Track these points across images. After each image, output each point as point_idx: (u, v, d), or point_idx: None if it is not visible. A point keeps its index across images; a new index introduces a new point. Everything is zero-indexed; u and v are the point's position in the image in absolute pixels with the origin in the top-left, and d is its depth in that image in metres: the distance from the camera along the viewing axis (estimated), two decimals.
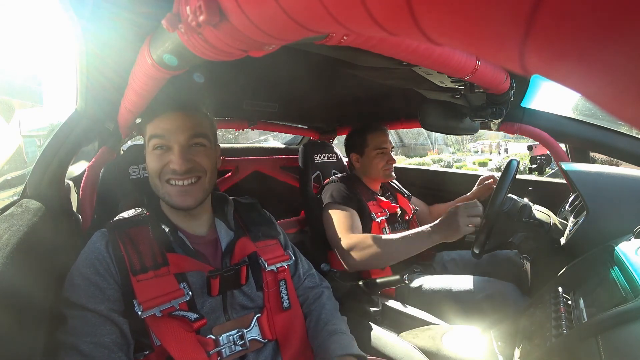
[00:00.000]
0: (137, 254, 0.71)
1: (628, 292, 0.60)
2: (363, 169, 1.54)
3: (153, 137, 0.77)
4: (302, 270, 1.00)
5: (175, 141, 0.77)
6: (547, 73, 0.15)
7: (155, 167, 0.77)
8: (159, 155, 0.77)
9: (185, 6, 0.33)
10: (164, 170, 0.77)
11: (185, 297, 0.71)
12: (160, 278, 0.71)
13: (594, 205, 0.91)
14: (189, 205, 0.79)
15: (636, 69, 0.11)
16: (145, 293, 0.68)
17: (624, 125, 1.14)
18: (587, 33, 0.12)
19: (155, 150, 0.77)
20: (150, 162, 0.79)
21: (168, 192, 0.78)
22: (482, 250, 1.11)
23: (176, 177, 0.77)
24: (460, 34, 0.16)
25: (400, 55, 0.54)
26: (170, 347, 0.67)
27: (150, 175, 0.80)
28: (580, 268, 0.87)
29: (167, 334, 0.68)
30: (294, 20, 0.25)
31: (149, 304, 0.67)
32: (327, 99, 1.47)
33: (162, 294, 0.69)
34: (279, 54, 0.42)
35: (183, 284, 0.73)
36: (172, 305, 0.69)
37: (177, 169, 0.75)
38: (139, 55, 0.54)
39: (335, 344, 0.81)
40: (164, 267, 0.72)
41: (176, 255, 0.75)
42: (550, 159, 1.39)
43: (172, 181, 0.77)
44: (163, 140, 0.77)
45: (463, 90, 0.97)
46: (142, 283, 0.69)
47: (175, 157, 0.76)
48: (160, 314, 0.68)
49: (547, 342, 0.69)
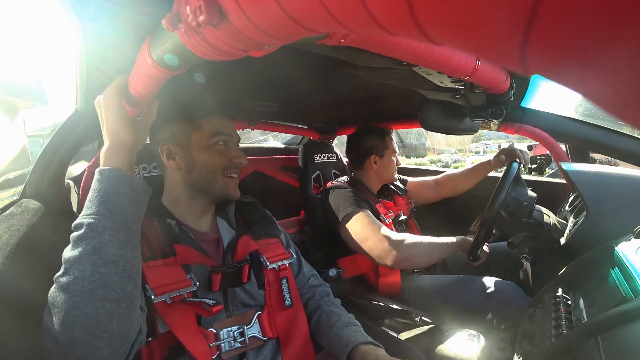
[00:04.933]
0: (147, 243, 0.73)
1: (628, 292, 0.60)
2: (379, 171, 1.51)
3: (218, 133, 0.83)
4: (306, 269, 1.00)
5: (234, 140, 0.87)
6: (547, 73, 0.15)
7: (220, 161, 0.83)
8: (221, 151, 0.84)
9: (185, 6, 0.33)
10: (228, 165, 0.84)
11: (193, 286, 0.73)
12: (169, 267, 0.73)
13: (594, 205, 0.91)
14: (239, 196, 0.88)
15: (636, 70, 0.11)
16: (156, 279, 0.70)
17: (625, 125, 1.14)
18: (587, 33, 0.12)
19: (217, 146, 0.83)
20: (210, 157, 0.83)
21: (226, 185, 0.84)
22: (477, 257, 1.12)
23: (237, 171, 0.86)
24: (461, 33, 0.16)
25: (400, 55, 0.54)
26: (179, 333, 0.69)
27: (208, 169, 0.82)
28: (580, 268, 0.87)
29: (176, 320, 0.70)
30: (294, 20, 0.25)
31: (160, 290, 0.69)
32: (327, 98, 1.46)
33: (172, 281, 0.71)
34: (279, 53, 0.42)
35: (190, 274, 0.74)
36: (180, 293, 0.71)
37: (245, 163, 0.87)
38: (139, 55, 0.54)
39: (356, 333, 0.84)
40: (172, 257, 0.74)
41: (182, 246, 0.76)
42: (550, 159, 1.39)
43: (232, 175, 0.85)
44: (226, 137, 0.85)
45: (463, 90, 0.97)
46: (153, 270, 0.71)
47: (240, 152, 0.87)
48: (171, 300, 0.70)
49: (547, 342, 0.69)
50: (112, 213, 0.59)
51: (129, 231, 0.61)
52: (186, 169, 0.82)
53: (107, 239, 0.57)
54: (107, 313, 0.55)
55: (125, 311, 0.58)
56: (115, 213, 0.59)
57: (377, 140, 1.50)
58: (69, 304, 0.54)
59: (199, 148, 0.82)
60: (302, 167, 1.74)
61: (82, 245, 0.57)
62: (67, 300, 0.54)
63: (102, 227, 0.57)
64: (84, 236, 0.57)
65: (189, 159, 0.81)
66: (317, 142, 1.99)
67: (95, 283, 0.55)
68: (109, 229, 0.58)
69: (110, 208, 0.59)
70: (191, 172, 0.82)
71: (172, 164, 0.82)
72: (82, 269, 0.55)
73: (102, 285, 0.55)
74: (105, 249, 0.57)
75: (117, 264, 0.57)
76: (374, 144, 1.49)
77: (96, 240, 0.57)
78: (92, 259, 0.56)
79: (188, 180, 0.83)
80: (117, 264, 0.57)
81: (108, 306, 0.55)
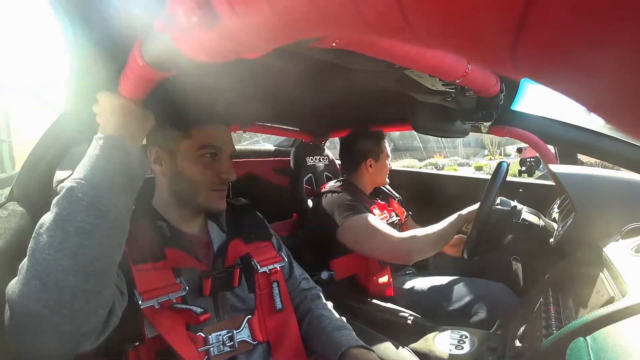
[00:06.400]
0: (137, 245, 0.71)
1: (615, 291, 0.61)
2: (373, 174, 1.52)
3: (208, 145, 0.78)
4: (297, 272, 1.00)
5: (226, 152, 0.82)
6: (536, 77, 0.15)
7: (205, 174, 0.79)
8: (208, 163, 0.79)
9: (177, 8, 0.33)
10: (214, 180, 0.80)
11: (182, 291, 0.72)
12: (159, 271, 0.71)
13: (582, 206, 0.92)
14: (224, 208, 0.85)
15: (621, 74, 0.12)
16: (144, 283, 0.68)
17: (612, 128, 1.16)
18: (576, 38, 0.12)
19: (204, 158, 0.79)
20: (195, 169, 0.78)
21: (210, 198, 0.80)
22: (472, 253, 1.13)
23: (224, 186, 0.82)
24: (452, 37, 0.16)
25: (392, 58, 0.55)
26: (169, 338, 0.67)
27: (191, 181, 0.78)
28: (569, 269, 0.88)
29: (165, 325, 0.68)
30: (285, 22, 0.25)
31: (148, 295, 0.68)
32: (320, 101, 1.46)
33: (161, 286, 0.70)
34: (272, 55, 0.42)
35: (180, 278, 0.73)
36: (169, 299, 0.70)
37: (232, 179, 0.82)
38: (130, 57, 0.53)
39: (347, 336, 0.84)
40: (162, 261, 0.72)
41: (173, 250, 0.75)
42: (539, 161, 1.41)
43: (218, 188, 0.81)
44: (216, 150, 0.80)
45: (454, 94, 0.98)
46: (142, 273, 0.69)
47: (229, 167, 0.82)
48: (159, 305, 0.68)
49: (538, 343, 0.70)
50: (96, 179, 0.54)
51: (114, 201, 0.56)
52: (170, 176, 0.80)
53: (84, 206, 0.52)
54: (71, 288, 0.50)
55: (94, 288, 0.52)
56: (101, 179, 0.55)
57: (372, 144, 1.51)
58: (30, 272, 0.50)
59: (185, 158, 0.78)
60: (294, 169, 1.74)
61: (56, 210, 0.52)
62: (30, 268, 0.50)
63: (82, 193, 0.52)
64: (61, 200, 0.52)
65: (175, 167, 0.79)
66: (309, 144, 1.99)
67: (61, 252, 0.50)
68: (89, 196, 0.53)
69: (96, 174, 0.55)
70: (175, 181, 0.80)
71: (159, 169, 0.80)
72: (52, 235, 0.51)
73: (69, 256, 0.50)
74: (81, 216, 0.52)
75: (92, 235, 0.52)
76: (370, 148, 1.51)
77: (73, 207, 0.52)
78: (64, 226, 0.51)
79: (172, 188, 0.81)
80: (91, 235, 0.52)
81: (73, 280, 0.50)
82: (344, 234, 1.31)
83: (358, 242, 1.29)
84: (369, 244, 1.27)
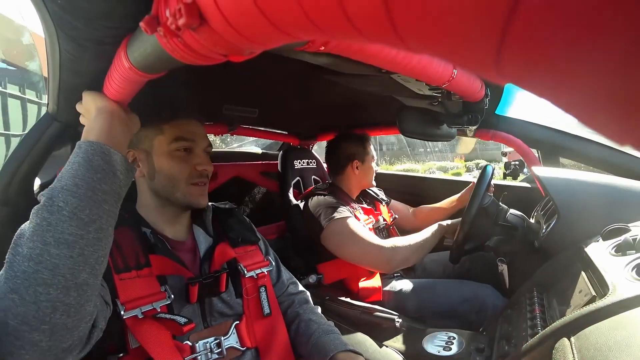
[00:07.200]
0: (120, 253, 0.69)
1: (598, 290, 0.63)
2: (360, 176, 1.53)
3: (181, 139, 0.79)
4: (285, 276, 0.99)
5: (200, 146, 0.82)
6: (520, 82, 0.15)
7: (181, 168, 0.79)
8: (183, 158, 0.79)
9: (164, 9, 0.33)
10: (192, 173, 0.80)
11: (167, 300, 0.70)
12: (143, 279, 0.69)
13: (565, 209, 0.94)
14: (206, 204, 0.84)
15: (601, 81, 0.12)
16: (127, 293, 0.66)
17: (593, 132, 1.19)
18: (555, 46, 0.12)
19: (178, 152, 0.79)
20: (170, 163, 0.78)
21: (190, 193, 0.80)
22: (458, 258, 1.15)
23: (203, 179, 0.82)
24: (438, 41, 0.16)
25: (379, 62, 0.55)
26: (151, 349, 0.65)
27: (168, 176, 0.78)
28: (553, 269, 0.90)
29: (147, 336, 0.66)
30: (274, 26, 0.25)
31: (131, 305, 0.66)
32: (308, 104, 1.47)
33: (145, 295, 0.68)
34: (260, 59, 0.42)
35: (165, 286, 0.71)
36: (153, 308, 0.68)
37: (210, 169, 0.82)
38: (115, 58, 0.53)
39: (335, 341, 0.83)
40: (146, 268, 0.70)
41: (158, 256, 0.73)
42: (523, 164, 1.44)
43: (198, 182, 0.81)
44: (189, 143, 0.80)
45: (440, 98, 1.00)
46: (125, 282, 0.67)
47: (205, 160, 0.82)
48: (142, 315, 0.66)
49: (524, 342, 0.71)
50: (78, 187, 0.52)
51: (97, 210, 0.52)
52: (149, 175, 0.79)
53: (66, 216, 0.50)
54: (51, 301, 0.47)
55: (75, 301, 0.50)
56: (83, 188, 0.52)
57: (357, 147, 1.52)
58: (8, 285, 0.47)
59: (161, 154, 0.78)
60: (282, 172, 1.73)
61: (36, 220, 0.50)
62: (7, 280, 0.47)
63: (63, 202, 0.50)
64: (41, 210, 0.50)
65: (151, 165, 0.78)
66: (297, 147, 1.99)
67: (41, 264, 0.48)
68: (71, 205, 0.50)
69: (77, 182, 0.52)
70: (153, 179, 0.79)
71: (137, 171, 0.79)
72: (32, 246, 0.48)
73: (49, 267, 0.48)
74: (62, 226, 0.49)
75: (73, 246, 0.50)
76: (355, 150, 1.52)
77: (54, 216, 0.49)
78: (44, 237, 0.49)
79: (151, 187, 0.80)
80: (72, 246, 0.49)
81: (53, 293, 0.48)
82: (327, 238, 1.31)
83: (339, 247, 1.30)
84: (350, 251, 1.27)
